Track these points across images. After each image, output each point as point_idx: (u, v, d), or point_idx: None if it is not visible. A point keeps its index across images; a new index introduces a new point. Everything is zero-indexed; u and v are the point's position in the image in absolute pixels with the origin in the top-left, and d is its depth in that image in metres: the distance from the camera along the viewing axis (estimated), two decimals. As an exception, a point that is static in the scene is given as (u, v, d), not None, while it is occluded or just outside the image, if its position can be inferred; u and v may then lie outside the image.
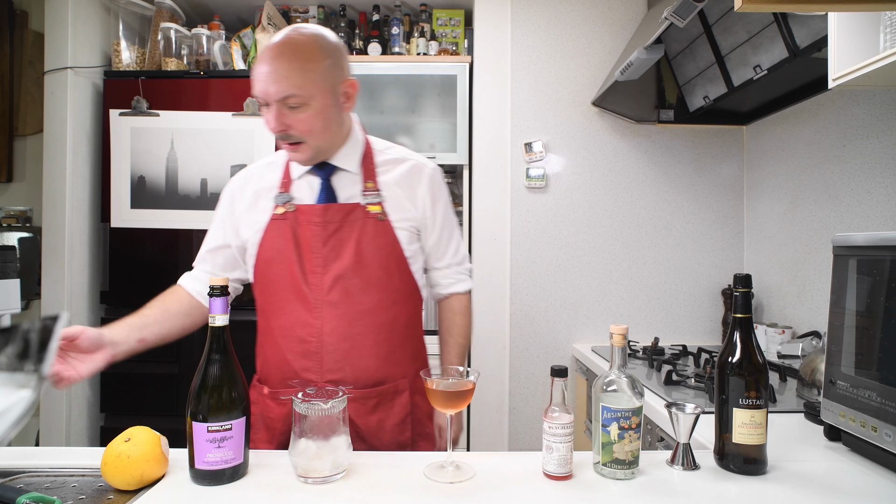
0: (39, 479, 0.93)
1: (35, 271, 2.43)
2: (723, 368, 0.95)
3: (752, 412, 0.91)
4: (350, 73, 1.14)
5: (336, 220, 1.12)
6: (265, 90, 1.03)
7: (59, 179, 2.33)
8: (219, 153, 2.36)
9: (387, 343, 1.14)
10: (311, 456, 0.89)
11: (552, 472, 0.92)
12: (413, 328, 1.21)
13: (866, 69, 1.15)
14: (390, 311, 1.15)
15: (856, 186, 1.78)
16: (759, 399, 0.92)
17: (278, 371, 1.14)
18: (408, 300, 1.19)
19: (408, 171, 1.20)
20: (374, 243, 1.12)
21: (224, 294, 0.90)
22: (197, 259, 1.26)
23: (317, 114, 1.06)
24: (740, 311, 0.95)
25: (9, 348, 0.61)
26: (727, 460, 0.94)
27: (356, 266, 1.11)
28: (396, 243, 1.15)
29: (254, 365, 1.21)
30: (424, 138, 2.58)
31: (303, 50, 1.04)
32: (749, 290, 0.94)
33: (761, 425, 0.92)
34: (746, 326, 0.94)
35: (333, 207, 1.12)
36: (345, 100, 1.12)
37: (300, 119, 1.05)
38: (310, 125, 1.06)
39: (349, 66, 1.15)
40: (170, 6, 2.51)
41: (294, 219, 1.13)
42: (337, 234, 1.12)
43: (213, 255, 1.23)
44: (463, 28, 2.79)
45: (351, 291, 1.11)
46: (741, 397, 0.92)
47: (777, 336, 2.00)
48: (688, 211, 2.53)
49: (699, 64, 2.14)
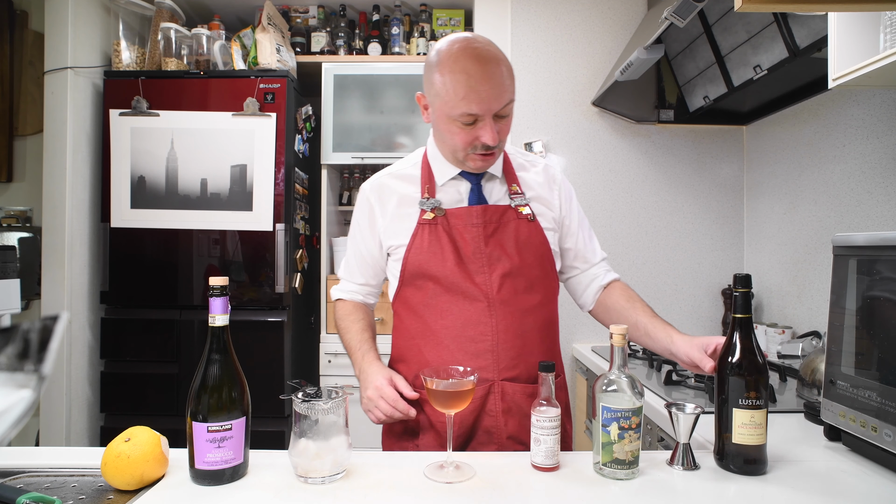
0: (39, 479, 0.93)
1: (35, 271, 2.44)
2: (722, 368, 0.94)
3: (752, 412, 0.91)
4: None
5: (494, 220, 1.14)
6: (488, 106, 1.03)
7: (59, 179, 2.33)
8: (219, 153, 2.36)
9: (549, 339, 1.19)
10: (311, 456, 0.90)
11: (539, 464, 0.94)
12: (558, 326, 1.25)
13: (866, 69, 1.15)
14: (548, 307, 1.19)
15: (856, 186, 1.78)
16: (759, 399, 0.91)
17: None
18: (556, 299, 1.23)
19: (543, 172, 1.24)
20: (529, 243, 1.15)
21: (224, 294, 0.90)
22: (343, 272, 1.32)
23: (512, 117, 1.10)
24: (740, 312, 0.95)
25: (9, 348, 0.61)
26: (727, 460, 0.94)
27: (519, 265, 1.13)
28: (547, 243, 1.18)
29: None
30: (424, 138, 2.57)
31: (500, 56, 1.06)
32: (749, 290, 0.94)
33: (761, 425, 0.91)
34: (746, 326, 0.94)
35: (490, 208, 1.15)
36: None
37: (506, 123, 1.08)
38: (509, 128, 1.10)
39: None
40: (170, 6, 2.51)
41: (446, 222, 1.14)
42: (496, 235, 1.14)
43: (360, 265, 1.27)
44: (463, 28, 2.79)
45: (518, 290, 1.13)
46: (741, 397, 0.91)
47: (777, 336, 2.00)
48: (688, 211, 2.53)
49: (699, 64, 2.14)
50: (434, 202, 1.15)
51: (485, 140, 1.05)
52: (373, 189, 1.22)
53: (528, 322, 1.13)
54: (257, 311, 2.38)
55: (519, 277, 1.13)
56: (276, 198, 2.36)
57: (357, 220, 1.25)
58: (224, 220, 2.36)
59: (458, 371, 0.99)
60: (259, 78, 2.38)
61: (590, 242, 1.28)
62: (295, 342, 2.49)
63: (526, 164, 1.25)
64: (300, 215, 2.59)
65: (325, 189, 2.64)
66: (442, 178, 1.18)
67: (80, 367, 2.38)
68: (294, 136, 2.47)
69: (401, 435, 1.18)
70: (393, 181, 1.21)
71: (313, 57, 2.66)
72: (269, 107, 2.37)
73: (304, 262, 2.61)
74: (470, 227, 1.13)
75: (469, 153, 1.09)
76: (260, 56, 2.46)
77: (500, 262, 1.13)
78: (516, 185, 1.19)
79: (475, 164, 1.11)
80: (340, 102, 2.57)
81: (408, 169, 1.22)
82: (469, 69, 1.02)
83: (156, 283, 2.39)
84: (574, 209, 1.26)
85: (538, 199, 1.21)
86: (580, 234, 1.26)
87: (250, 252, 2.37)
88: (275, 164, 2.36)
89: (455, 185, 1.18)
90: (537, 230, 1.17)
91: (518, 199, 1.17)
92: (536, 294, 1.15)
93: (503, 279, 1.12)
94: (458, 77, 1.02)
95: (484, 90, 1.02)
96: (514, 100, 1.09)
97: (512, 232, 1.14)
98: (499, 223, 1.14)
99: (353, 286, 1.30)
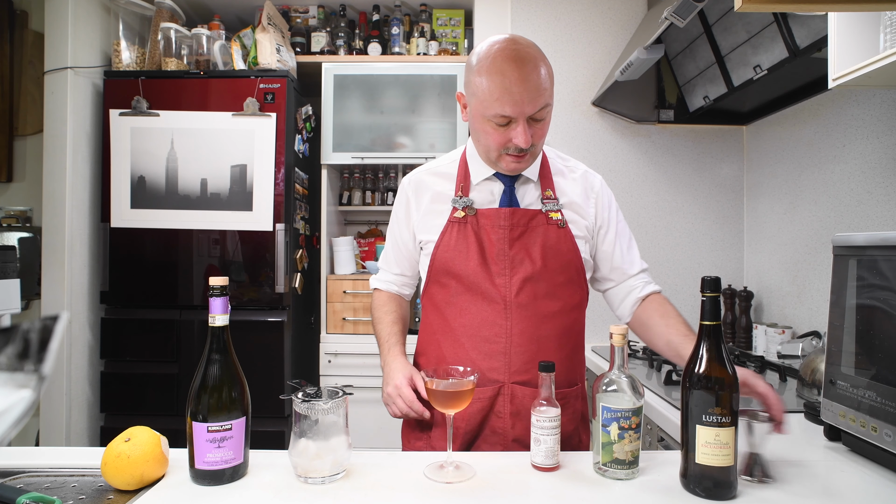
0: (39, 479, 0.93)
1: (35, 271, 2.43)
2: (687, 380, 0.86)
3: (717, 430, 0.82)
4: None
5: (521, 224, 1.14)
6: (521, 108, 1.02)
7: (59, 179, 2.33)
8: (219, 153, 2.36)
9: (567, 347, 1.17)
10: (311, 456, 0.89)
11: (539, 464, 0.94)
12: (583, 336, 1.24)
13: (866, 69, 1.15)
14: (570, 315, 1.17)
15: (856, 186, 1.78)
16: (726, 416, 0.82)
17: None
18: (582, 307, 1.22)
19: (580, 179, 1.23)
20: (556, 249, 1.14)
21: (224, 294, 0.90)
22: (381, 262, 1.34)
23: (549, 121, 1.09)
24: (708, 318, 0.86)
25: (9, 348, 0.61)
26: (691, 482, 0.86)
27: (542, 270, 1.13)
28: (576, 250, 1.16)
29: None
30: (424, 138, 2.58)
31: (540, 58, 1.05)
32: (718, 294, 0.86)
33: (728, 445, 0.82)
34: (715, 335, 0.85)
35: (519, 212, 1.15)
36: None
37: (541, 127, 1.07)
38: (545, 130, 1.09)
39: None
40: (170, 6, 2.51)
41: (475, 222, 1.15)
42: (522, 239, 1.14)
43: (396, 256, 1.29)
44: (463, 28, 2.79)
45: (537, 295, 1.13)
46: (704, 413, 0.83)
47: (777, 336, 2.00)
48: (688, 211, 2.53)
49: (699, 64, 2.14)
50: (466, 201, 1.16)
51: (517, 142, 1.05)
52: (410, 183, 1.25)
53: (545, 328, 1.13)
54: (257, 311, 2.38)
55: (540, 282, 1.13)
56: (276, 198, 2.36)
57: (396, 212, 1.28)
58: (224, 220, 2.36)
59: (457, 371, 0.99)
60: (259, 78, 2.38)
61: (628, 254, 1.24)
62: (295, 342, 2.49)
63: (565, 169, 1.24)
64: (300, 215, 2.59)
65: (325, 189, 2.64)
66: (477, 177, 1.18)
67: (80, 367, 2.38)
68: (294, 136, 2.47)
69: (415, 426, 1.22)
70: (430, 177, 1.23)
71: (313, 57, 2.66)
72: (269, 107, 2.37)
73: (304, 262, 2.61)
74: (497, 229, 1.14)
75: (502, 154, 1.09)
76: (260, 56, 2.46)
77: (522, 266, 1.12)
78: (550, 190, 1.18)
79: (508, 165, 1.11)
80: (340, 102, 2.57)
81: (446, 166, 1.24)
82: (505, 70, 1.02)
83: (156, 283, 2.39)
84: (612, 219, 1.23)
85: (572, 205, 1.19)
86: (617, 244, 1.23)
87: (250, 252, 2.37)
88: (275, 164, 2.36)
89: (489, 185, 1.19)
90: (567, 237, 1.16)
91: (550, 205, 1.16)
92: (558, 300, 1.15)
93: (523, 283, 1.12)
94: (493, 78, 1.02)
95: (518, 92, 1.01)
96: (552, 104, 1.08)
97: (539, 237, 1.14)
98: (527, 227, 1.14)
99: (390, 276, 1.32)
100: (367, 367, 2.49)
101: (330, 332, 2.59)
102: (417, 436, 1.21)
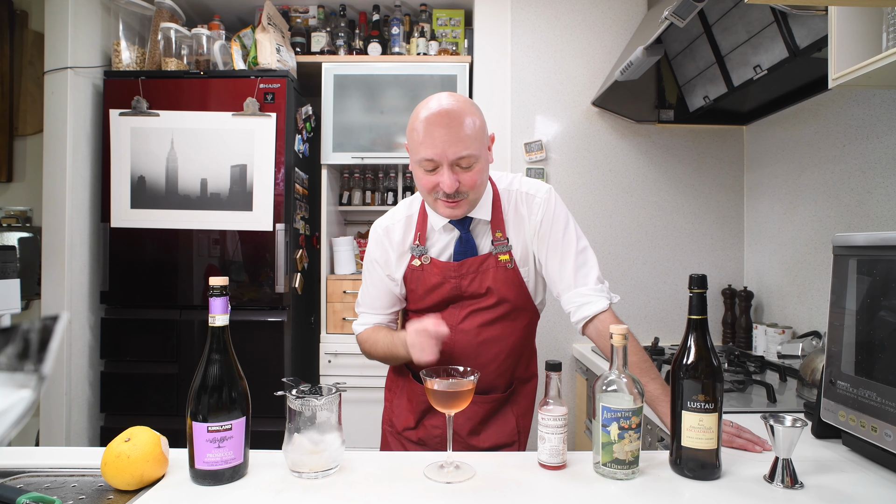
0: (39, 479, 0.93)
1: (35, 271, 2.44)
2: (676, 370, 0.93)
3: (701, 416, 0.90)
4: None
5: (472, 271, 1.23)
6: (442, 152, 1.09)
7: (59, 179, 2.33)
8: (219, 153, 2.36)
9: (507, 362, 1.28)
10: (304, 451, 0.90)
11: (545, 462, 0.96)
12: (532, 340, 1.35)
13: (867, 69, 1.15)
14: (512, 336, 1.27)
15: (856, 186, 1.78)
16: (710, 403, 0.90)
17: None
18: (530, 325, 1.31)
19: (518, 206, 1.25)
20: (503, 287, 1.23)
21: (224, 294, 0.90)
22: (360, 307, 1.37)
23: (482, 169, 1.15)
24: (696, 313, 0.94)
25: (9, 348, 0.61)
26: (681, 465, 0.93)
27: (487, 305, 1.23)
28: (522, 285, 1.25)
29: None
30: (424, 138, 2.58)
31: (466, 112, 1.11)
32: (704, 290, 0.94)
33: (711, 430, 0.90)
34: (702, 328, 0.93)
35: (468, 262, 1.23)
36: (489, 152, 1.20)
37: (469, 176, 1.12)
38: (475, 180, 1.13)
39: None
40: (170, 6, 2.51)
41: (430, 269, 1.24)
42: (473, 282, 1.23)
43: (379, 293, 1.33)
44: (463, 28, 2.79)
45: (481, 323, 1.24)
46: (690, 400, 0.91)
47: (777, 336, 2.00)
48: (688, 211, 2.53)
49: (699, 64, 2.14)
50: (422, 249, 1.25)
51: (443, 187, 1.11)
52: (382, 229, 1.32)
53: (483, 349, 1.24)
54: (257, 311, 2.38)
55: (486, 314, 1.23)
56: (276, 198, 2.36)
57: (370, 254, 1.32)
58: (224, 220, 2.36)
59: (457, 371, 0.99)
60: (259, 78, 2.38)
61: (577, 272, 1.22)
62: (295, 342, 2.49)
63: (520, 202, 1.25)
64: (300, 215, 2.59)
65: (325, 189, 2.64)
66: (437, 223, 1.24)
67: (80, 367, 2.38)
68: (294, 136, 2.47)
69: (394, 426, 1.34)
70: (396, 224, 1.30)
71: (313, 57, 2.66)
72: (269, 107, 2.37)
73: (304, 262, 2.61)
74: (450, 279, 1.23)
75: (436, 199, 1.15)
76: (260, 56, 2.46)
77: (469, 303, 1.24)
78: (501, 231, 1.23)
79: (443, 210, 1.17)
80: (340, 102, 2.57)
81: (408, 211, 1.30)
82: (430, 118, 1.10)
83: (156, 283, 2.39)
84: (553, 239, 1.22)
85: (517, 241, 1.24)
86: (555, 263, 1.23)
87: (250, 252, 2.37)
88: (275, 164, 2.36)
89: (445, 233, 1.25)
90: (515, 275, 1.23)
91: (500, 247, 1.23)
92: (500, 328, 1.24)
93: (469, 315, 1.24)
94: (422, 125, 1.11)
95: (438, 136, 1.08)
96: (483, 157, 1.13)
97: (489, 278, 1.22)
98: (477, 271, 1.22)
99: (372, 318, 1.35)
100: (368, 367, 2.48)
101: (330, 332, 2.59)
102: (396, 438, 1.34)
